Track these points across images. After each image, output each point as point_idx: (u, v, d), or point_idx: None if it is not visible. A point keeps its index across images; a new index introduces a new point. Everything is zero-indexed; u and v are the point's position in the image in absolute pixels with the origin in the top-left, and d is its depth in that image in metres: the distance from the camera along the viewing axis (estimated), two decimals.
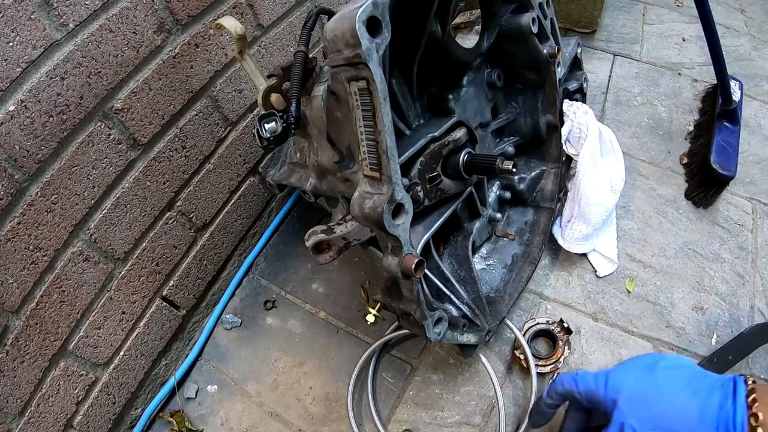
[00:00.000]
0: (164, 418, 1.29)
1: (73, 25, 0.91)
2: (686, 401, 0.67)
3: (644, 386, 0.73)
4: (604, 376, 0.80)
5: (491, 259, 1.30)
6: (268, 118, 0.91)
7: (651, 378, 0.73)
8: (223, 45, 1.22)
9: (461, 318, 1.08)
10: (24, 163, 0.90)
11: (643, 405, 0.70)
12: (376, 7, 0.67)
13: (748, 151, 1.68)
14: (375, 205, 0.75)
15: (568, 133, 1.31)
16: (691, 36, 2.11)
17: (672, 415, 0.67)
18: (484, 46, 1.11)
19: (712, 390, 0.65)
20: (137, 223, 1.15)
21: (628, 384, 0.75)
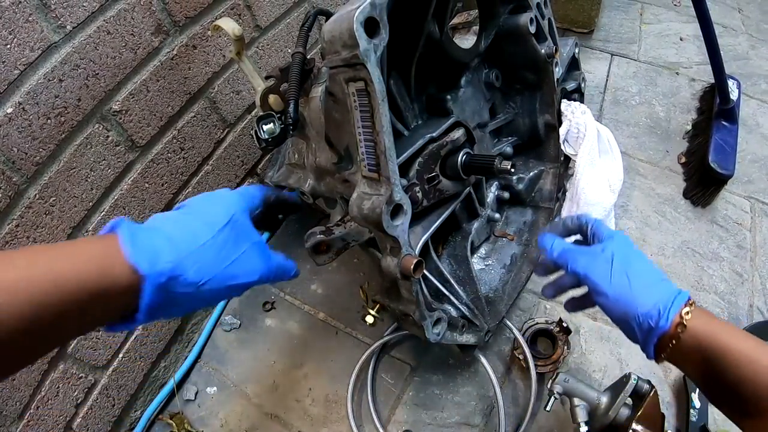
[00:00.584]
0: (164, 420, 1.29)
1: (71, 27, 0.91)
2: (655, 275, 0.74)
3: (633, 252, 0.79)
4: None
5: (490, 260, 1.30)
6: (266, 119, 0.91)
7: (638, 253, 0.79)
8: (221, 46, 1.22)
9: (460, 318, 1.08)
10: (22, 166, 0.90)
11: (629, 256, 0.76)
12: (374, 8, 0.67)
13: (746, 149, 1.68)
14: (374, 206, 0.75)
15: (566, 133, 1.31)
16: (689, 35, 2.11)
17: (643, 276, 0.73)
18: (482, 47, 1.11)
19: (670, 286, 0.72)
20: None
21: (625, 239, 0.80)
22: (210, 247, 0.58)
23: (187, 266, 0.55)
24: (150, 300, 0.51)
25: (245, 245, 0.63)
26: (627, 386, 1.02)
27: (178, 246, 0.55)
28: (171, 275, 0.53)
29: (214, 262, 0.58)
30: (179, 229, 0.58)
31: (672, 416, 1.17)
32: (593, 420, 1.05)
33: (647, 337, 0.70)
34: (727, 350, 0.64)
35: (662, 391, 1.18)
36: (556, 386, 1.07)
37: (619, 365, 1.25)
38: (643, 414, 1.00)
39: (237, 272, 0.61)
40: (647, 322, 0.69)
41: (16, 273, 0.44)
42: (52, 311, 0.45)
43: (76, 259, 0.48)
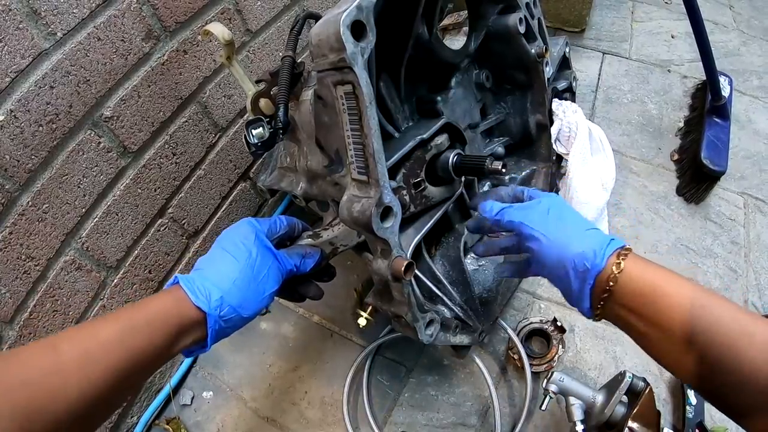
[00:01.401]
0: (160, 426, 1.29)
1: (62, 33, 0.91)
2: (590, 224, 0.77)
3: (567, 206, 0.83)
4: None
5: (483, 260, 1.30)
6: (255, 123, 0.91)
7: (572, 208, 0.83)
8: (212, 51, 1.22)
9: (454, 319, 1.08)
10: (14, 173, 0.90)
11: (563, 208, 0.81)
12: (361, 11, 0.68)
13: (738, 146, 1.69)
14: (363, 209, 0.75)
15: (558, 133, 1.31)
16: (680, 33, 2.12)
17: (578, 223, 0.77)
18: (471, 47, 1.12)
19: (605, 234, 0.74)
20: (129, 230, 1.15)
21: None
22: (243, 279, 0.77)
23: (230, 298, 0.75)
24: (213, 327, 0.72)
25: (266, 265, 0.81)
26: (622, 384, 1.02)
27: (220, 283, 0.75)
28: (221, 307, 0.73)
29: (247, 289, 0.77)
30: (217, 272, 0.77)
31: (668, 413, 1.17)
32: (589, 418, 1.05)
33: (583, 281, 0.71)
34: (664, 290, 0.66)
35: (658, 388, 1.19)
36: (552, 385, 1.08)
37: (614, 363, 1.26)
38: (638, 412, 1.00)
39: (265, 287, 0.80)
40: (582, 263, 0.70)
41: (118, 328, 0.63)
42: (148, 353, 0.64)
43: (160, 306, 0.69)
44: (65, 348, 0.56)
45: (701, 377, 0.62)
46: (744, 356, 0.57)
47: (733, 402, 0.60)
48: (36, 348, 0.56)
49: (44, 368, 0.53)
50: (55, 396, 0.52)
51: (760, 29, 2.20)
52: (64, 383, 0.53)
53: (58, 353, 0.55)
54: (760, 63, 2.01)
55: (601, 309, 0.71)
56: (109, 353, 0.59)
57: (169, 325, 0.67)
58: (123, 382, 0.60)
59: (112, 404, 0.64)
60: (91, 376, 0.56)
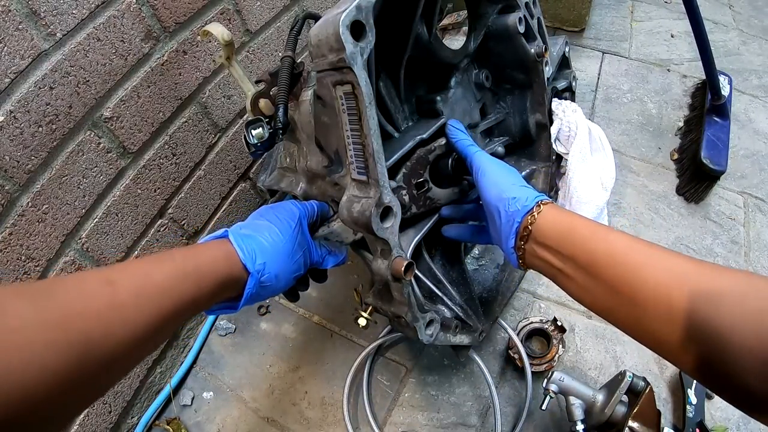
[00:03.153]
0: (161, 426, 1.29)
1: (61, 34, 0.91)
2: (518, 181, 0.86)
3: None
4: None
5: (483, 260, 1.30)
6: (254, 124, 0.91)
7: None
8: (211, 51, 1.22)
9: (454, 319, 1.08)
10: (14, 174, 0.90)
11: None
12: (360, 11, 0.68)
13: (738, 145, 1.69)
14: (363, 209, 0.75)
15: (558, 132, 1.32)
16: (680, 32, 2.12)
17: (516, 176, 0.87)
18: (471, 47, 1.12)
19: (528, 189, 0.83)
20: (129, 231, 1.15)
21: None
22: (284, 252, 0.81)
23: (271, 265, 0.77)
24: (251, 289, 0.75)
25: (304, 246, 0.86)
26: (622, 384, 1.02)
27: (265, 251, 0.78)
28: (262, 271, 0.76)
29: (285, 262, 0.81)
30: (265, 237, 0.80)
31: (668, 413, 1.17)
32: (589, 418, 1.05)
33: (511, 220, 0.79)
34: (576, 226, 0.73)
35: (658, 388, 1.19)
36: (552, 385, 1.08)
37: (614, 363, 1.26)
38: (639, 411, 1.00)
39: (299, 267, 0.85)
40: (514, 204, 0.79)
41: (171, 272, 0.64)
42: (194, 300, 0.65)
43: (209, 257, 0.71)
44: (122, 284, 0.56)
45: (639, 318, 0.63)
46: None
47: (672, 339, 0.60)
48: (91, 280, 0.55)
49: (102, 301, 0.53)
50: (112, 330, 0.52)
51: (759, 29, 2.20)
52: (121, 319, 0.54)
53: (115, 288, 0.55)
54: (759, 62, 2.01)
55: (523, 250, 0.79)
56: (162, 296, 0.60)
57: (216, 276, 0.69)
58: (168, 325, 0.61)
59: (152, 347, 0.63)
60: (146, 317, 0.57)
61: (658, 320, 0.59)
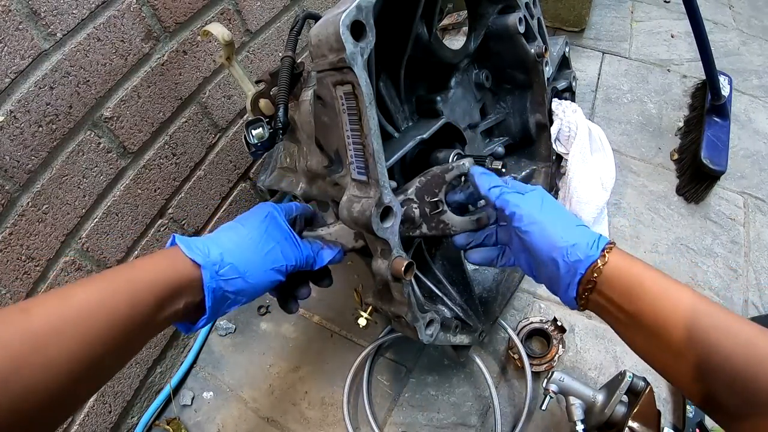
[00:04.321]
0: (161, 426, 1.29)
1: (61, 34, 0.91)
2: (579, 221, 0.78)
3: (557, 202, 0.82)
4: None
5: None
6: (255, 124, 0.91)
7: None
8: (211, 51, 1.22)
9: (454, 319, 1.08)
10: (14, 174, 0.90)
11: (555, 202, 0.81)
12: (360, 11, 0.68)
13: (738, 145, 1.69)
14: (363, 209, 0.75)
15: (558, 132, 1.31)
16: (680, 32, 2.12)
17: (569, 217, 0.78)
18: (471, 47, 1.12)
19: (592, 230, 0.76)
20: (129, 231, 1.15)
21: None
22: (249, 242, 0.74)
23: (233, 257, 0.70)
24: (210, 285, 0.67)
25: (276, 237, 0.78)
26: (622, 384, 1.02)
27: (223, 244, 0.71)
28: (220, 263, 0.68)
29: (253, 252, 0.74)
30: (223, 233, 0.75)
31: (668, 413, 1.17)
32: (589, 418, 1.05)
33: (573, 270, 0.72)
34: (644, 281, 0.67)
35: (658, 388, 1.18)
36: (552, 385, 1.08)
37: (614, 363, 1.26)
38: (639, 411, 1.00)
39: (273, 260, 0.76)
40: (575, 253, 0.71)
41: (124, 287, 0.59)
42: (131, 318, 0.58)
43: (148, 265, 0.64)
44: (36, 314, 0.51)
45: (697, 380, 0.62)
46: (745, 361, 0.58)
47: (731, 405, 0.60)
48: (7, 313, 0.51)
49: (16, 332, 0.48)
50: (28, 361, 0.47)
51: (759, 29, 2.20)
52: (37, 348, 0.48)
53: (29, 318, 0.50)
54: (759, 62, 2.01)
55: (585, 299, 0.73)
56: (85, 318, 0.53)
57: (155, 285, 0.61)
58: (105, 351, 0.54)
59: (96, 377, 0.56)
60: (67, 343, 0.51)
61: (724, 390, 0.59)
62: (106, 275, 0.60)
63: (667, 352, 0.65)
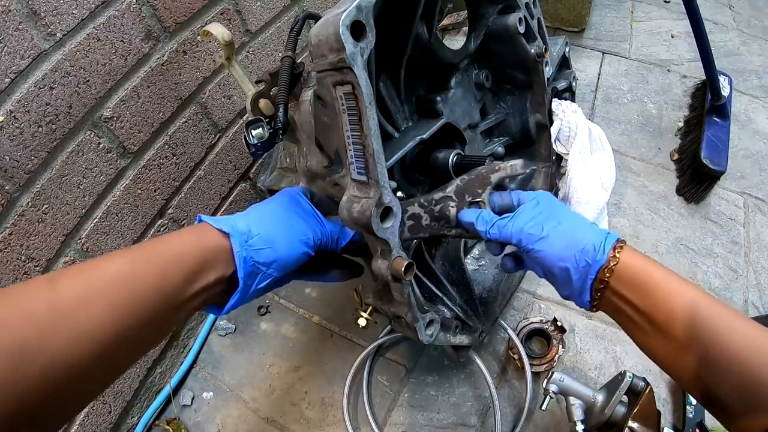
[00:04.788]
0: (161, 426, 1.29)
1: (61, 34, 0.91)
2: (584, 220, 0.79)
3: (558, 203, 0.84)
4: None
5: (483, 260, 1.30)
6: (255, 124, 0.91)
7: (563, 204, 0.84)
8: (211, 51, 1.22)
9: (454, 319, 1.08)
10: (14, 174, 0.90)
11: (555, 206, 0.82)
12: (360, 11, 0.68)
13: (738, 145, 1.69)
14: (363, 209, 0.75)
15: (558, 132, 1.31)
16: (680, 32, 2.12)
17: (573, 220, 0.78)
18: (471, 47, 1.12)
19: (600, 228, 0.76)
20: (129, 231, 1.15)
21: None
22: (274, 217, 0.75)
23: (261, 229, 0.70)
24: (241, 254, 0.66)
25: (300, 213, 0.79)
26: (622, 384, 1.02)
27: (250, 218, 0.72)
28: (247, 233, 0.68)
29: (279, 226, 0.74)
30: (248, 212, 0.76)
31: (668, 413, 1.17)
32: (589, 418, 1.05)
33: (584, 276, 0.72)
34: (653, 277, 0.68)
35: (658, 388, 1.19)
36: (552, 385, 1.08)
37: (614, 363, 1.25)
38: (639, 411, 1.00)
39: (300, 231, 0.76)
40: (584, 259, 0.71)
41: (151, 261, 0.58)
42: (162, 291, 0.57)
43: (175, 240, 0.63)
44: (64, 284, 0.50)
45: (699, 376, 0.62)
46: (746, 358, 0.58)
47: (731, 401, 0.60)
48: (33, 282, 0.50)
49: (42, 302, 0.47)
50: (55, 330, 0.46)
51: (759, 29, 2.20)
52: (64, 318, 0.48)
53: (55, 289, 0.49)
54: (759, 62, 2.01)
55: (598, 300, 0.73)
56: (113, 288, 0.52)
57: (183, 257, 0.60)
58: (134, 323, 0.53)
59: (126, 351, 0.55)
60: (92, 315, 0.49)
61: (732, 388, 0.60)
62: (133, 249, 0.59)
63: (671, 348, 0.65)
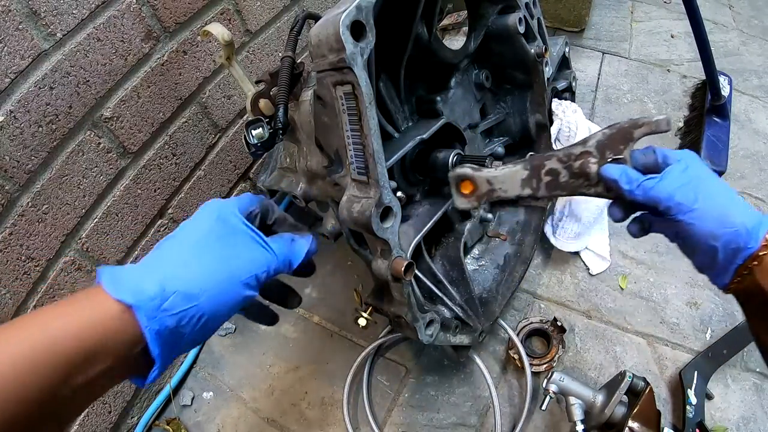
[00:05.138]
0: (161, 426, 1.29)
1: (61, 34, 0.91)
2: (733, 194, 0.69)
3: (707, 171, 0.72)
4: None
5: (483, 260, 1.30)
6: (255, 124, 0.91)
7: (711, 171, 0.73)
8: (211, 51, 1.22)
9: (454, 319, 1.08)
10: (14, 174, 0.90)
11: (706, 175, 0.71)
12: (360, 11, 0.68)
13: (738, 145, 1.69)
14: (363, 209, 0.75)
15: (558, 132, 1.32)
16: (680, 32, 2.12)
17: (723, 194, 0.68)
18: (471, 47, 1.12)
19: (750, 207, 0.68)
20: (129, 231, 1.15)
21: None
22: (198, 255, 0.54)
23: (180, 281, 0.51)
24: (151, 327, 0.48)
25: (238, 241, 0.59)
26: (622, 384, 1.02)
27: (164, 267, 0.52)
28: (162, 297, 0.49)
29: (203, 270, 0.54)
30: (165, 251, 0.55)
31: (668, 413, 1.17)
32: (589, 418, 1.05)
33: (731, 258, 0.66)
34: None
35: (658, 388, 1.19)
36: (552, 385, 1.08)
37: (614, 363, 1.25)
38: (639, 411, 1.00)
39: (237, 271, 0.56)
40: (735, 241, 0.65)
41: (11, 349, 0.43)
42: (58, 374, 0.44)
43: (66, 316, 0.47)
44: None
45: None
46: None
47: None
48: None
49: None
50: None
51: (759, 29, 2.20)
52: None
53: None
54: (759, 63, 2.01)
55: (736, 284, 0.67)
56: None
57: (69, 341, 0.45)
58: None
59: None
60: None
61: None
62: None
63: None
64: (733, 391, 1.19)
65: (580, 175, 0.78)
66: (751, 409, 1.16)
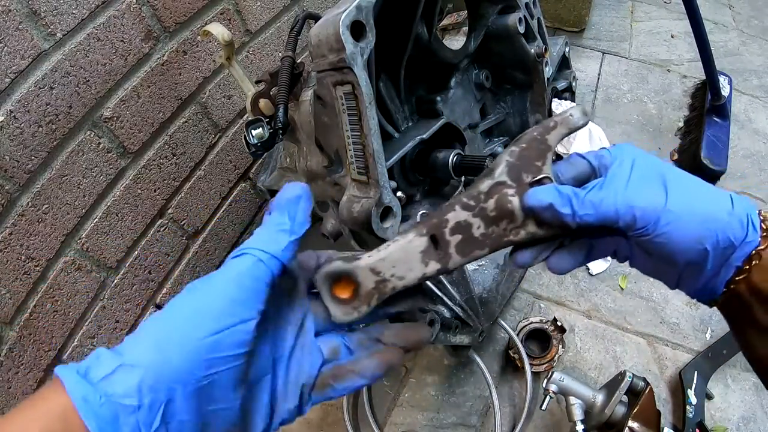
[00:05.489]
0: None
1: (61, 34, 0.91)
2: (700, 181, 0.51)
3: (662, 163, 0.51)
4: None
5: (483, 260, 1.30)
6: (255, 124, 0.91)
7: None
8: (212, 51, 1.22)
9: (453, 319, 1.08)
10: (14, 174, 0.90)
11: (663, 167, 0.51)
12: (360, 11, 0.68)
13: (738, 145, 1.69)
14: (363, 209, 0.75)
15: None
16: (680, 32, 2.12)
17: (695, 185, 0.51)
18: (471, 47, 1.12)
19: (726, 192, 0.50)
20: (129, 231, 1.15)
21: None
22: (197, 388, 0.37)
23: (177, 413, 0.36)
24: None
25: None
26: (622, 384, 1.02)
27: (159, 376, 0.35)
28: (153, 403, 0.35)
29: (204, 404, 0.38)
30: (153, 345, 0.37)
31: (668, 413, 1.17)
32: (589, 418, 1.05)
33: (723, 259, 0.49)
34: None
35: (658, 388, 1.19)
36: (552, 385, 1.08)
37: (614, 363, 1.26)
38: (638, 411, 1.00)
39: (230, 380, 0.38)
40: (727, 237, 0.48)
41: None
42: None
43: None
44: None
45: None
46: None
47: None
48: None
49: None
50: None
51: (759, 29, 2.20)
52: None
53: None
54: (759, 63, 2.01)
55: (728, 294, 0.51)
56: None
57: None
58: None
59: None
60: None
61: None
62: None
63: None
64: (733, 391, 1.19)
65: (499, 218, 0.53)
66: (751, 409, 1.16)
